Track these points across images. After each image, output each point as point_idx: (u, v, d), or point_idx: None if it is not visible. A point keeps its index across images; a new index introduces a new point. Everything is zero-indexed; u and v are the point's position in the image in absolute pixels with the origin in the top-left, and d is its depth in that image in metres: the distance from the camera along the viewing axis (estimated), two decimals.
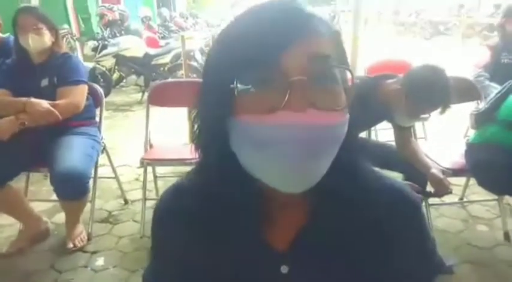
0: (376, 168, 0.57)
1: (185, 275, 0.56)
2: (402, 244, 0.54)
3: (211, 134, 0.49)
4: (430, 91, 1.50)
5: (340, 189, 0.49)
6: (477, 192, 2.49)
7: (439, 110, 1.53)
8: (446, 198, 2.53)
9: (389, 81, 1.68)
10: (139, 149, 2.33)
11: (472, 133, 1.94)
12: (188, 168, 0.60)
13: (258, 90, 0.44)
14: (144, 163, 2.18)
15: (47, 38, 2.04)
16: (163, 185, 2.61)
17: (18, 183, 2.15)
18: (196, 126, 0.52)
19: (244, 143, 0.45)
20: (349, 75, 0.48)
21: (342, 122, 0.45)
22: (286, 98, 0.42)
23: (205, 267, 0.54)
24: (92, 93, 2.24)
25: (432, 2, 16.56)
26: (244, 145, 0.46)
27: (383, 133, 2.66)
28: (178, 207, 0.57)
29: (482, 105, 1.87)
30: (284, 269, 0.52)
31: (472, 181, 2.34)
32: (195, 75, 4.73)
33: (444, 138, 1.53)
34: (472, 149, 1.81)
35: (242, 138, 0.45)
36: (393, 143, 1.88)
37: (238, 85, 0.43)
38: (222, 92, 0.45)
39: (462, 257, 1.95)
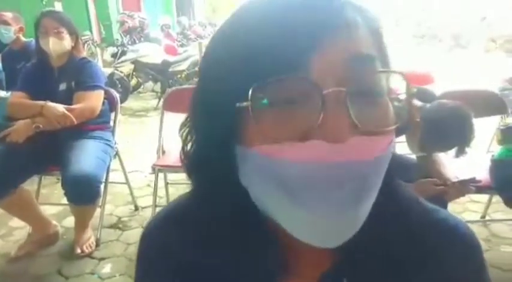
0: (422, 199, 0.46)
1: None
2: None
3: (212, 161, 0.37)
4: (445, 136, 1.41)
5: (378, 229, 0.37)
6: (500, 211, 2.38)
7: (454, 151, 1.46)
8: (467, 216, 2.44)
9: (417, 103, 1.58)
10: (152, 154, 2.32)
11: (497, 148, 1.85)
12: None
13: (279, 109, 0.32)
14: (156, 169, 2.15)
15: (67, 42, 2.05)
16: (174, 192, 2.58)
17: (30, 185, 2.15)
18: (189, 145, 0.41)
19: (260, 180, 0.34)
20: (398, 81, 0.36)
21: (391, 148, 0.34)
22: (319, 120, 0.31)
23: None
24: (108, 97, 2.24)
25: (454, 14, 16.35)
26: (259, 183, 0.34)
27: (399, 146, 2.58)
28: (170, 242, 0.45)
29: (509, 119, 1.79)
30: None
31: (495, 198, 2.24)
32: None
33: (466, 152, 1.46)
34: (498, 165, 1.72)
35: (256, 174, 0.34)
36: (411, 156, 1.80)
37: (251, 103, 0.32)
38: (227, 111, 0.33)
39: None
